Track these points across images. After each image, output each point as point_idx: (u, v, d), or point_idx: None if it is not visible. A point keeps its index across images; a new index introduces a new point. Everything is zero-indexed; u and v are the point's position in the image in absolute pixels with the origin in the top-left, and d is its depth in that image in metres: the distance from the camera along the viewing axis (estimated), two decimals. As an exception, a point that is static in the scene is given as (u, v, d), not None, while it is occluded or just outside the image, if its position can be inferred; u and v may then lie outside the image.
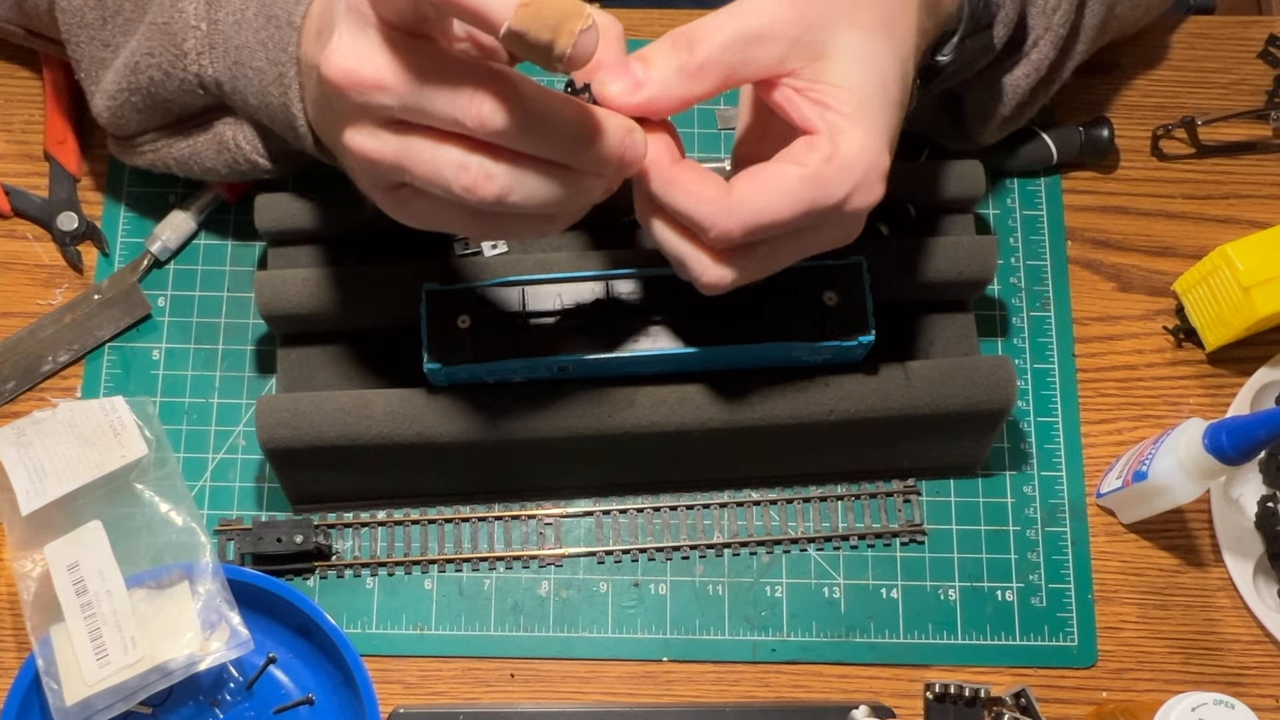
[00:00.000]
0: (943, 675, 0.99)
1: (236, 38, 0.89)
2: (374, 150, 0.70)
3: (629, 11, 1.14)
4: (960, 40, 0.89)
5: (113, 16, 0.94)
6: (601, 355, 0.91)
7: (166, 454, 1.00)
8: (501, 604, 1.01)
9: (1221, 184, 1.11)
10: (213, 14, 0.90)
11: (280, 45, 0.86)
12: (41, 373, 1.05)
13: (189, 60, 0.91)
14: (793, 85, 0.74)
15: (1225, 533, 1.02)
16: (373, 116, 0.70)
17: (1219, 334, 1.03)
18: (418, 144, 0.69)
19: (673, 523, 1.03)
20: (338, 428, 0.93)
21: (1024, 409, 1.05)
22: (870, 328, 0.91)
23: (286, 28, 0.85)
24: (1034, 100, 1.02)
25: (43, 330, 1.05)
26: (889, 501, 1.03)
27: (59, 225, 1.06)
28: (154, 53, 0.92)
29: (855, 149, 0.73)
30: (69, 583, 0.94)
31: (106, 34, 0.95)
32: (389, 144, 0.70)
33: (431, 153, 0.69)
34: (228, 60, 0.90)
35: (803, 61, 0.73)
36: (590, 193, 0.73)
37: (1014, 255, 1.09)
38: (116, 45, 0.95)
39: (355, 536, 1.02)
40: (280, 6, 0.86)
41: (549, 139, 0.68)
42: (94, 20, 0.95)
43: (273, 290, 0.96)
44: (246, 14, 0.88)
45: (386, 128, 0.70)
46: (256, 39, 0.87)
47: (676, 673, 1.00)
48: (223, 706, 0.98)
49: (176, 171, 1.00)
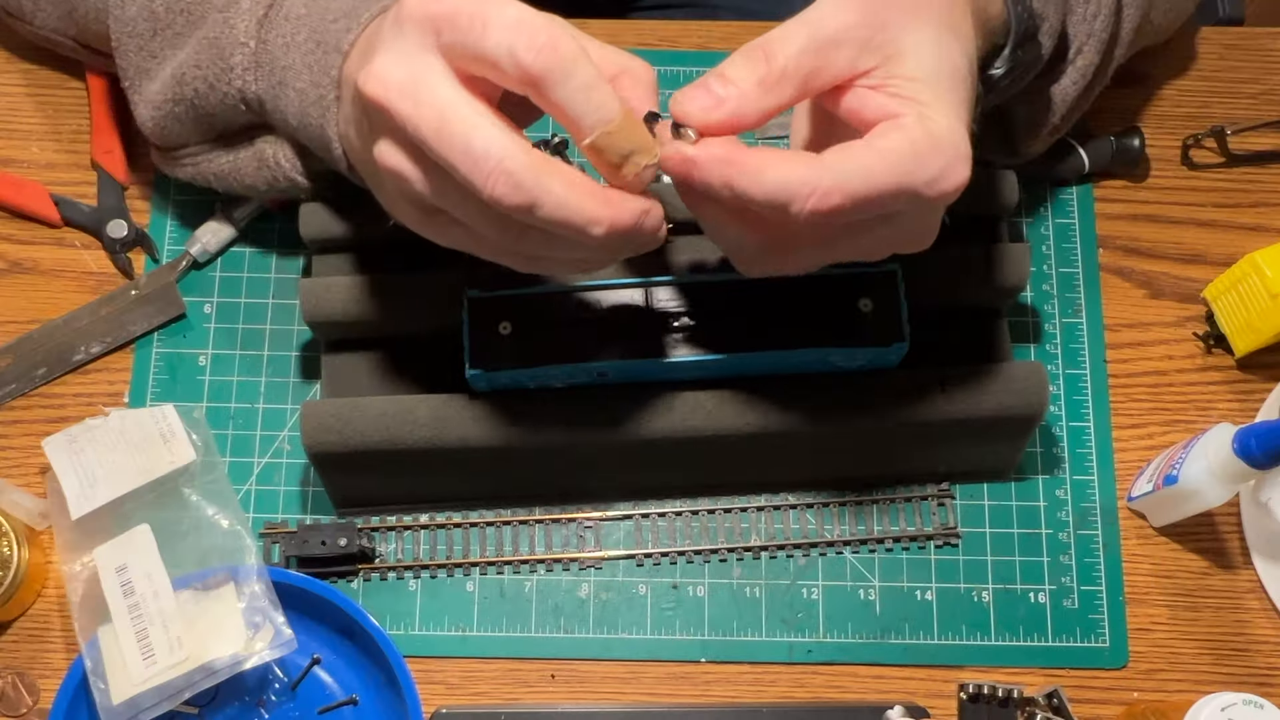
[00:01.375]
0: (976, 676, 1.00)
1: (284, 59, 0.90)
2: (397, 164, 0.74)
3: (668, 23, 1.16)
4: (1011, 51, 0.88)
5: (163, 29, 0.95)
6: (640, 361, 0.92)
7: (214, 459, 1.02)
8: (542, 606, 1.02)
9: (1250, 192, 1.12)
10: (263, 34, 0.91)
11: (324, 69, 0.87)
12: (73, 362, 1.06)
13: (234, 75, 0.92)
14: (867, 84, 0.74)
15: (1254, 536, 1.03)
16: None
17: (1248, 340, 1.04)
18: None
19: (710, 526, 1.04)
20: (381, 433, 0.94)
21: (1056, 414, 1.06)
22: (905, 335, 0.92)
23: (334, 53, 0.86)
24: (1079, 107, 1.02)
25: (78, 320, 1.06)
26: (923, 505, 1.04)
27: (109, 233, 1.08)
28: (201, 65, 0.93)
29: (943, 128, 0.72)
30: (117, 584, 0.95)
31: (155, 45, 0.96)
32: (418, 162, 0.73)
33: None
34: (271, 80, 0.91)
35: (876, 61, 0.73)
36: (619, 251, 0.76)
37: (1046, 263, 1.10)
38: (163, 58, 0.96)
39: (398, 539, 1.03)
40: (331, 34, 0.87)
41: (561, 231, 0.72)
42: (145, 30, 0.96)
43: (317, 297, 0.98)
44: (297, 38, 0.89)
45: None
46: (303, 62, 0.88)
47: (714, 674, 1.01)
48: (268, 707, 0.99)
49: (216, 186, 1.01)
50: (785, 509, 1.03)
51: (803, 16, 0.73)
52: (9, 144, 1.12)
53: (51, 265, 1.09)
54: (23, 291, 1.08)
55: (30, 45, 1.12)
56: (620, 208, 0.72)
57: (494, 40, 0.69)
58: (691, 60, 1.14)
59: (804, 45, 0.73)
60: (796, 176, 0.71)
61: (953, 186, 0.73)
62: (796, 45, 0.73)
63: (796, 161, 0.71)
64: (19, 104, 1.13)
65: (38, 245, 1.10)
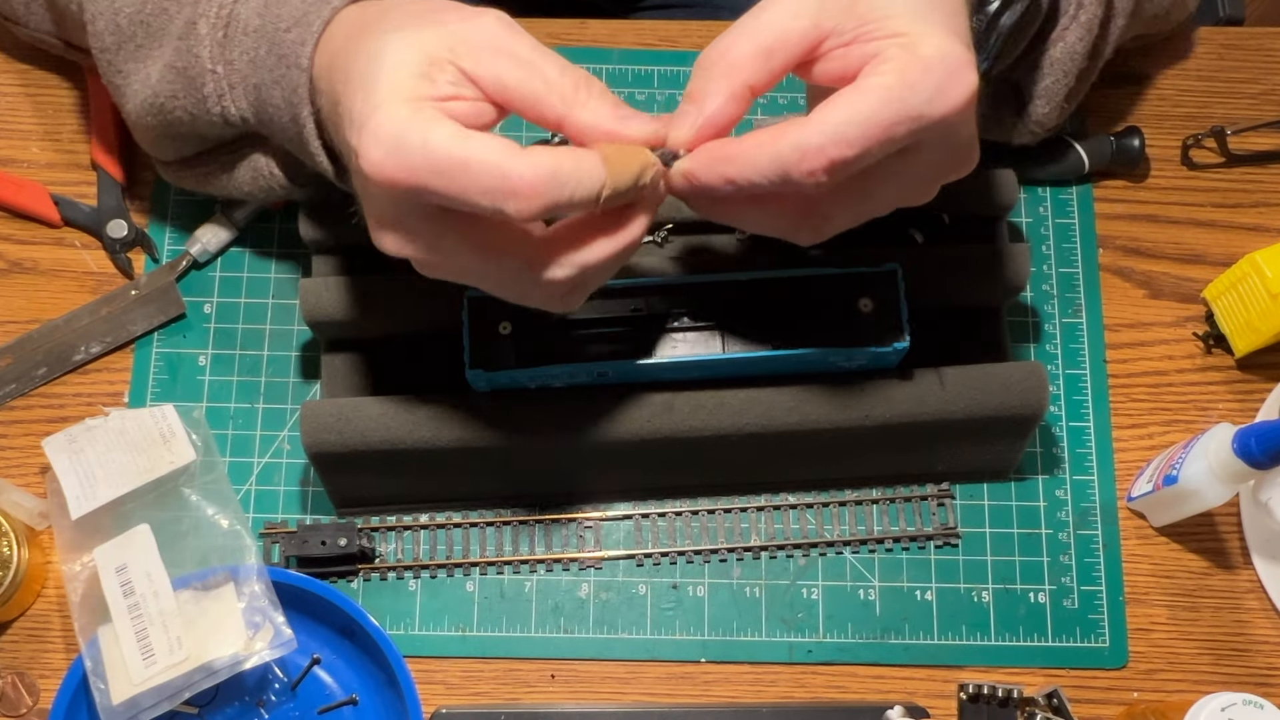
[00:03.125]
0: (976, 676, 1.00)
1: (253, 76, 0.88)
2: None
3: (668, 23, 1.16)
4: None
5: (126, 43, 0.93)
6: (641, 361, 0.92)
7: (214, 459, 1.02)
8: (542, 606, 1.02)
9: (1250, 193, 1.12)
10: (226, 55, 0.89)
11: (291, 87, 0.85)
12: (73, 361, 1.06)
13: (210, 103, 0.91)
14: (839, 43, 0.73)
15: (1254, 536, 1.03)
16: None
17: (1248, 340, 1.04)
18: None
19: (710, 526, 1.04)
20: (381, 433, 0.95)
21: (1056, 414, 1.06)
22: (905, 334, 0.92)
23: (295, 69, 0.84)
24: (1089, 71, 1.00)
25: (79, 320, 1.07)
26: (923, 505, 1.04)
27: (109, 233, 1.08)
28: (177, 95, 0.92)
29: (932, 48, 0.70)
30: (117, 584, 0.95)
31: (120, 60, 0.94)
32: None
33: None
34: (249, 97, 0.90)
35: (839, 14, 0.72)
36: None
37: (1046, 263, 1.10)
38: (128, 72, 0.95)
39: (398, 539, 1.03)
40: (288, 46, 0.84)
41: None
42: (111, 45, 0.94)
43: (317, 297, 0.98)
44: (259, 53, 0.87)
45: None
46: (270, 77, 0.87)
47: (714, 674, 1.01)
48: (268, 707, 0.99)
49: (215, 194, 1.02)
50: (785, 509, 1.04)
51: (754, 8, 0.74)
52: (9, 144, 1.12)
53: (51, 265, 1.09)
54: (23, 291, 1.08)
55: (29, 46, 1.12)
56: (638, 221, 0.76)
57: (482, 205, 0.70)
58: (691, 60, 1.13)
59: (759, 25, 0.74)
60: (785, 145, 0.70)
61: (956, 100, 0.71)
62: (748, 32, 0.74)
63: (782, 132, 0.71)
64: (19, 104, 1.13)
65: (38, 245, 1.10)
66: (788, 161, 0.70)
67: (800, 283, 0.93)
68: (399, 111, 0.70)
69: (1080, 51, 0.98)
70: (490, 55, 0.73)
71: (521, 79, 0.73)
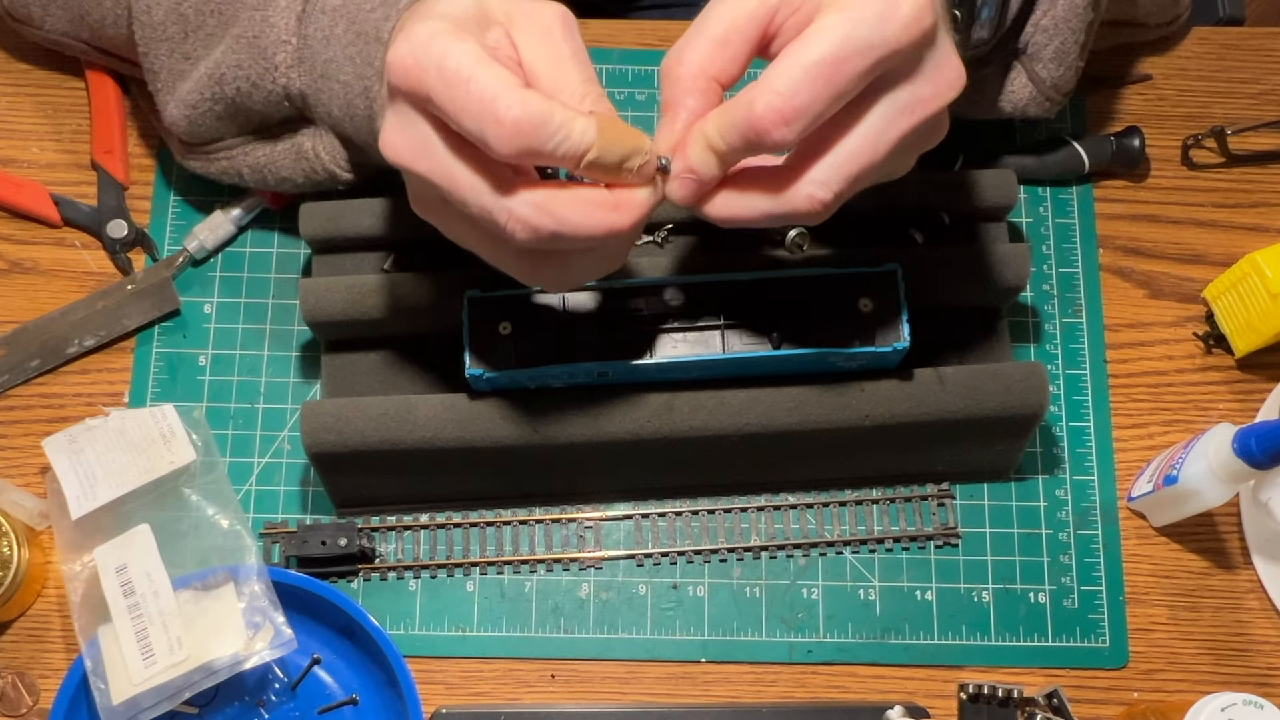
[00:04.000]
0: (976, 676, 1.00)
1: (325, 52, 0.90)
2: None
3: (668, 23, 1.16)
4: None
5: (195, 31, 0.95)
6: (640, 361, 0.92)
7: (214, 459, 1.02)
8: (542, 606, 1.02)
9: (1251, 193, 1.12)
10: (303, 29, 0.91)
11: (367, 60, 0.87)
12: (67, 354, 1.06)
13: (279, 73, 0.92)
14: (789, 12, 0.73)
15: (1254, 536, 1.03)
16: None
17: (1248, 340, 1.04)
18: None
19: (711, 526, 1.04)
20: (381, 433, 0.95)
21: (1056, 414, 1.06)
22: (905, 334, 0.92)
23: (374, 43, 0.86)
24: (1095, 20, 0.99)
25: (74, 314, 1.06)
26: (923, 505, 1.04)
27: (109, 233, 1.08)
28: (242, 65, 0.93)
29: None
30: (117, 584, 0.95)
31: (188, 47, 0.96)
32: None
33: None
34: (314, 74, 0.91)
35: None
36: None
37: (1046, 263, 1.10)
38: (197, 58, 0.96)
39: (398, 539, 1.03)
40: (369, 24, 0.87)
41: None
42: (175, 34, 0.96)
43: (317, 297, 0.98)
44: (336, 30, 0.89)
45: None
46: (345, 54, 0.89)
47: (714, 674, 1.01)
48: (268, 707, 0.99)
49: (249, 180, 1.02)
50: (785, 509, 1.04)
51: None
52: (9, 144, 1.12)
53: (51, 265, 1.09)
54: (23, 291, 1.08)
55: (30, 46, 1.12)
56: (629, 207, 0.75)
57: (466, 127, 0.71)
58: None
59: (712, 17, 0.75)
60: (741, 104, 0.71)
61: (900, 23, 0.70)
62: (705, 26, 0.75)
63: (746, 93, 0.72)
64: (19, 104, 1.13)
65: (38, 245, 1.10)
66: (760, 119, 0.71)
67: (800, 283, 0.93)
68: (438, 25, 0.72)
69: (1082, 3, 0.98)
70: (537, 37, 0.75)
71: (550, 73, 0.75)
